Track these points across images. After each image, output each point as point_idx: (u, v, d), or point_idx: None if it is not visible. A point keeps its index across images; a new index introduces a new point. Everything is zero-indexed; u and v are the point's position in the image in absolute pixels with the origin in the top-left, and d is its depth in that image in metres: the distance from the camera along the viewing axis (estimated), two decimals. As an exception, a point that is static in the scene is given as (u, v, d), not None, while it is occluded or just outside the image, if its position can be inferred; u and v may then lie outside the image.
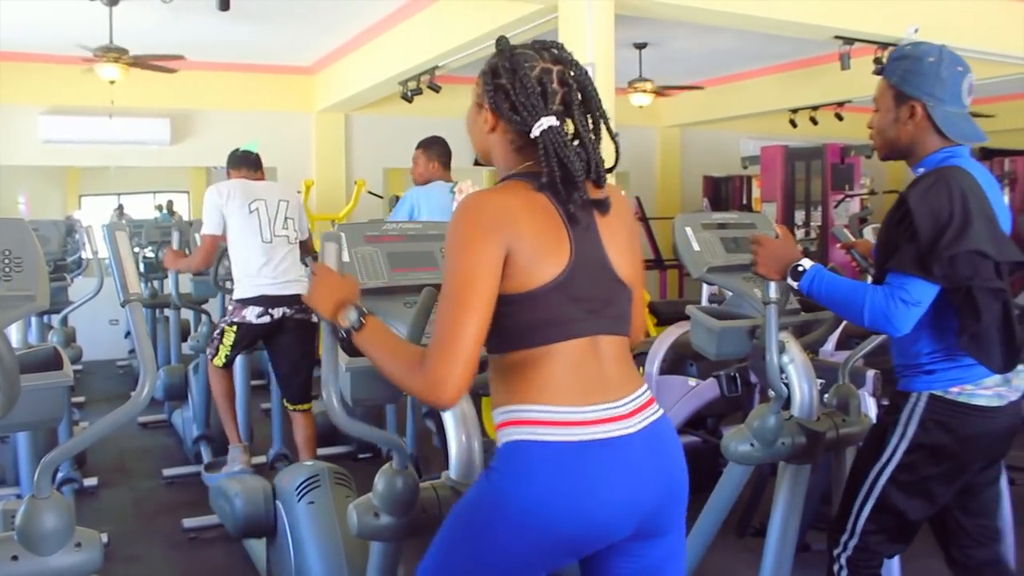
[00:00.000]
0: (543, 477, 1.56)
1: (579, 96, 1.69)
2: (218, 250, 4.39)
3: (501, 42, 1.72)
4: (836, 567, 2.34)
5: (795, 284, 2.26)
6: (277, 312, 4.22)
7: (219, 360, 4.31)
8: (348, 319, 1.68)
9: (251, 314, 4.20)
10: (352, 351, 1.78)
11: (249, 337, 4.29)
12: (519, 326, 1.61)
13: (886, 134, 2.28)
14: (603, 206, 1.70)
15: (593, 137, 1.69)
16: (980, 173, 2.19)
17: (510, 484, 1.58)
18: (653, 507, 1.64)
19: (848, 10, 6.14)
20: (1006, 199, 11.24)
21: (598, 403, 1.61)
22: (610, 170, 1.74)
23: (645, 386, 1.72)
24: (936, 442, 2.18)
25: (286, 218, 4.29)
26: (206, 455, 4.92)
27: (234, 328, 4.24)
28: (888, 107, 2.26)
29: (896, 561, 2.96)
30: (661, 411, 1.71)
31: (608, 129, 1.73)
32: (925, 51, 2.21)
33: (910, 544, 2.37)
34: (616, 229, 1.72)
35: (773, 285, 2.36)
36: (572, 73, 1.69)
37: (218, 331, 4.33)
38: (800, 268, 2.25)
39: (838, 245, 3.13)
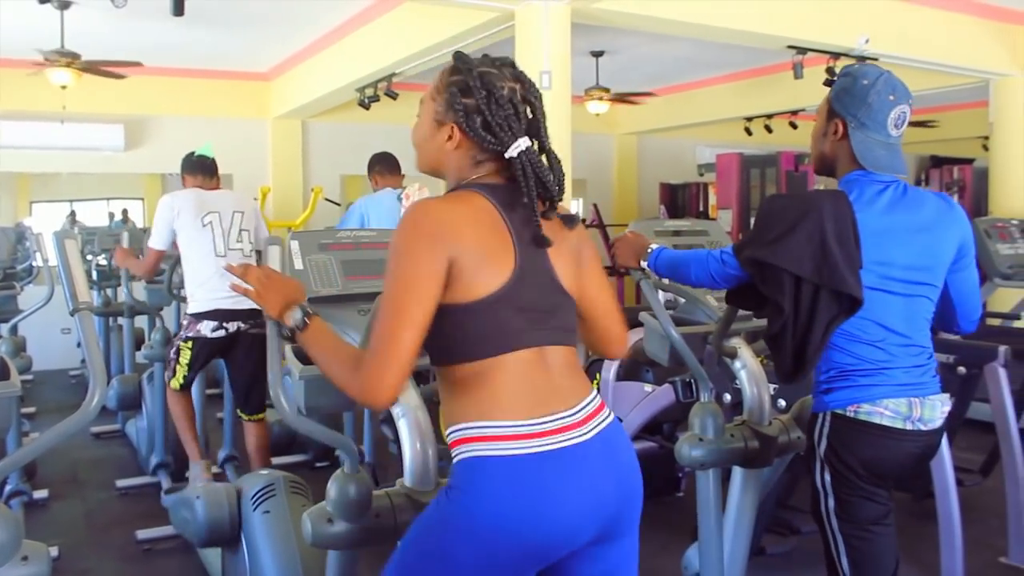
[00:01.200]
0: (503, 492, 1.56)
1: (535, 114, 1.72)
2: (171, 258, 4.35)
3: (462, 58, 1.71)
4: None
5: (645, 264, 2.49)
6: (232, 326, 4.17)
7: (176, 382, 4.25)
8: (293, 318, 1.72)
9: (206, 328, 4.15)
10: (305, 357, 1.79)
11: (205, 352, 4.23)
12: (465, 338, 1.62)
13: (816, 147, 2.35)
14: (571, 221, 1.76)
15: (551, 156, 1.72)
16: (883, 201, 2.18)
17: (470, 501, 1.58)
18: (611, 511, 1.65)
19: (801, 20, 6.24)
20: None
21: (550, 413, 1.61)
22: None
23: (595, 392, 1.73)
24: (845, 460, 2.19)
25: (241, 230, 4.23)
26: (165, 483, 4.77)
27: (189, 344, 4.19)
28: (821, 120, 2.32)
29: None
30: (612, 416, 1.72)
31: (548, 150, 1.75)
32: (863, 73, 2.23)
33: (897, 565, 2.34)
34: (560, 240, 1.72)
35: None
36: (532, 92, 1.71)
37: (174, 349, 4.27)
38: (649, 250, 2.49)
39: None
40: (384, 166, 5.05)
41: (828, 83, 2.39)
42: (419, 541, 1.66)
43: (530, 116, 1.70)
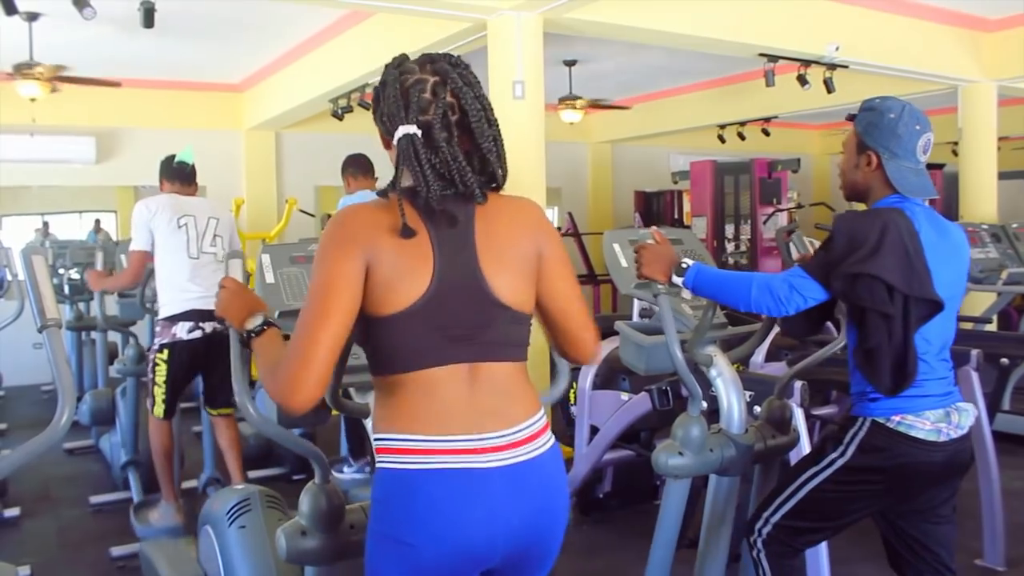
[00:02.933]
0: (398, 504, 1.57)
1: (455, 107, 1.63)
2: (145, 270, 4.31)
3: (395, 58, 1.69)
4: (755, 552, 2.44)
5: (680, 280, 2.43)
6: (208, 327, 4.12)
7: (159, 409, 4.18)
8: (253, 323, 1.75)
9: (181, 330, 4.10)
10: None
11: (183, 359, 4.14)
12: (383, 350, 1.61)
13: (848, 176, 2.45)
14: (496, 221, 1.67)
15: (456, 151, 1.61)
16: (924, 220, 2.29)
17: (376, 511, 1.61)
18: (515, 547, 1.62)
19: (772, 29, 6.29)
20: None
21: (456, 434, 1.58)
22: (494, 188, 1.69)
23: (535, 419, 1.67)
24: (869, 465, 2.29)
25: (215, 235, 4.20)
26: (134, 483, 4.75)
27: (164, 355, 4.12)
28: (851, 153, 2.41)
29: (826, 566, 3.03)
30: (545, 447, 1.67)
31: (482, 147, 1.65)
32: (888, 107, 2.34)
33: (816, 545, 2.52)
34: (503, 247, 1.65)
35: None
36: (450, 85, 1.63)
37: (150, 366, 4.19)
38: (684, 265, 2.44)
39: (795, 259, 3.19)
40: (357, 167, 5.03)
41: (850, 118, 2.49)
42: (366, 550, 1.68)
43: (438, 110, 1.61)
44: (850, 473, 2.31)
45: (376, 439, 1.62)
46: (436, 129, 1.60)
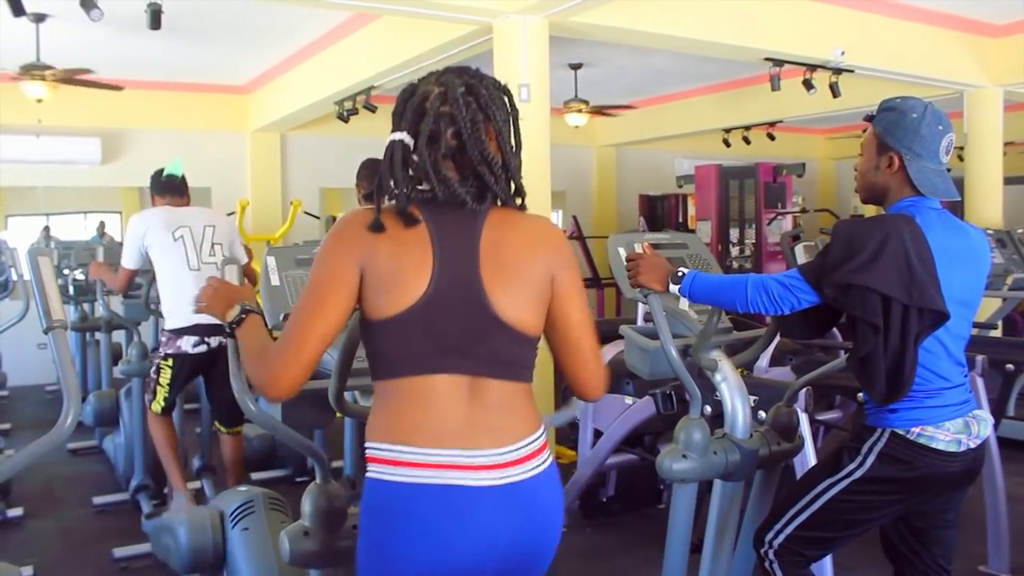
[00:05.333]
0: (383, 516, 1.57)
1: (450, 121, 1.62)
2: (148, 273, 4.31)
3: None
4: (767, 563, 2.41)
5: (677, 288, 2.42)
6: (214, 341, 4.13)
7: (157, 406, 4.19)
8: (232, 313, 1.79)
9: (187, 344, 4.11)
10: None
11: (186, 370, 4.18)
12: (377, 354, 1.62)
13: (867, 178, 2.40)
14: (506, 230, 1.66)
15: (435, 160, 1.61)
16: (937, 223, 2.26)
17: (364, 521, 1.61)
18: (503, 567, 1.60)
19: (777, 33, 6.28)
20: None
21: (448, 447, 1.57)
22: (492, 200, 1.65)
23: (532, 438, 1.64)
24: (889, 476, 2.27)
25: (213, 244, 4.19)
26: (145, 506, 4.66)
27: (169, 362, 4.13)
28: (871, 154, 2.37)
29: (829, 569, 3.02)
30: (539, 468, 1.64)
31: (474, 162, 1.62)
32: (910, 107, 2.31)
33: (829, 554, 2.50)
34: (509, 264, 1.63)
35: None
36: (449, 97, 1.62)
37: (153, 368, 4.21)
38: (680, 273, 2.42)
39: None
40: (367, 176, 4.96)
41: (868, 118, 2.45)
42: (356, 559, 1.67)
43: (434, 120, 1.61)
44: (868, 484, 2.28)
45: (368, 447, 1.62)
46: (423, 138, 1.62)
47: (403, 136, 1.63)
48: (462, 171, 1.64)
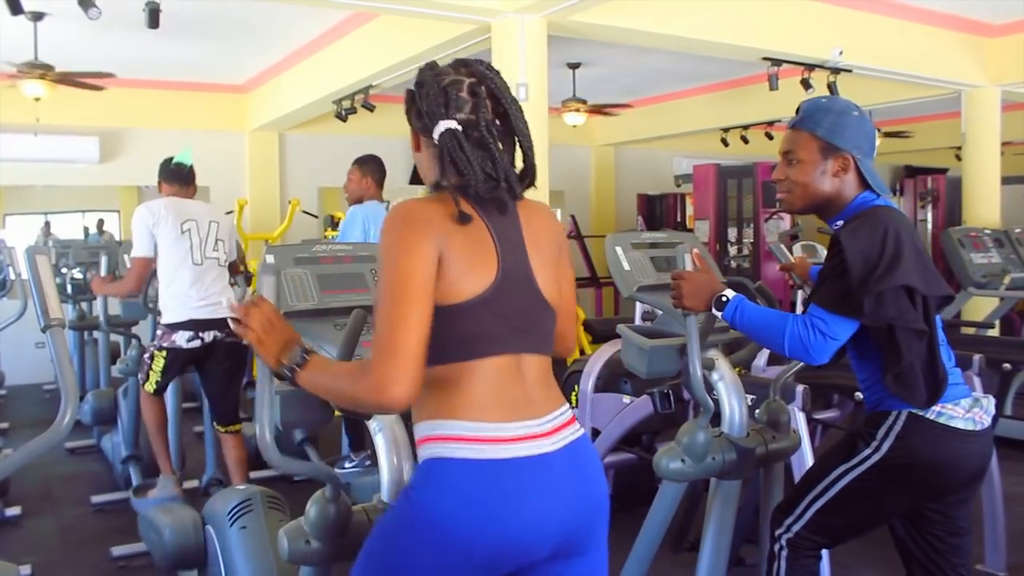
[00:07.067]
0: (462, 494, 1.54)
1: (490, 107, 1.67)
2: (148, 272, 4.31)
3: (428, 63, 1.73)
4: (777, 547, 2.38)
5: (719, 314, 2.31)
6: (208, 336, 4.15)
7: (150, 386, 4.22)
8: (292, 358, 1.64)
9: (181, 339, 4.12)
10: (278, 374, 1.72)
11: (179, 362, 4.21)
12: (444, 339, 1.58)
13: (812, 187, 2.28)
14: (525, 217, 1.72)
15: (500, 147, 1.65)
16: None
17: (428, 501, 1.56)
18: (572, 526, 1.63)
19: (775, 33, 6.29)
20: (928, 216, 11.61)
21: (521, 420, 1.61)
22: (526, 185, 1.72)
23: (566, 405, 1.73)
24: (907, 460, 2.20)
25: (216, 240, 4.21)
26: (135, 477, 4.82)
27: (164, 353, 4.16)
28: (814, 160, 2.26)
29: (827, 572, 3.02)
30: (581, 430, 1.72)
31: (523, 145, 1.70)
32: (847, 105, 2.26)
33: (846, 542, 2.44)
34: (541, 247, 1.72)
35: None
36: (486, 85, 1.67)
37: (148, 355, 4.24)
38: (724, 299, 2.29)
39: (778, 267, 3.17)
40: (376, 171, 4.93)
41: (794, 125, 2.32)
42: (378, 539, 1.64)
43: (478, 108, 1.65)
44: (885, 469, 2.22)
45: (433, 427, 1.60)
46: (479, 126, 1.63)
47: (453, 124, 1.63)
48: (508, 152, 1.69)
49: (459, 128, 1.63)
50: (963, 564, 2.34)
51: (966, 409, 2.20)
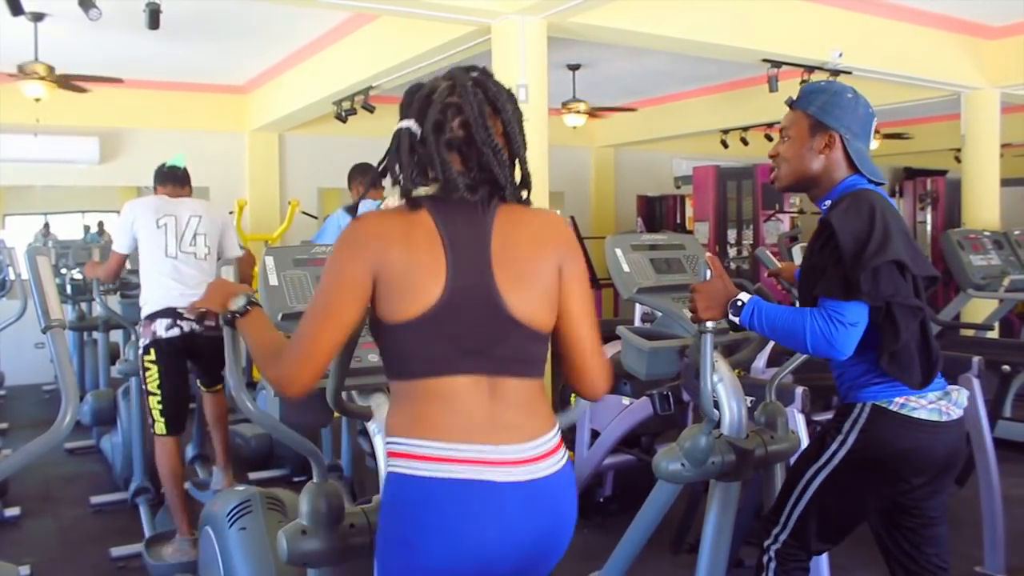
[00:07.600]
0: (407, 510, 1.57)
1: (457, 111, 1.62)
2: (123, 270, 4.35)
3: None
4: (765, 558, 2.40)
5: (736, 319, 2.28)
6: (186, 325, 4.04)
7: (160, 427, 4.01)
8: (236, 303, 1.85)
9: (160, 327, 4.02)
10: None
11: (167, 361, 4.03)
12: (396, 355, 1.63)
13: (799, 163, 2.31)
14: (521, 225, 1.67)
15: (440, 149, 1.60)
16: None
17: (386, 515, 1.62)
18: (522, 563, 1.62)
19: (775, 35, 6.29)
20: (928, 218, 11.61)
21: (475, 443, 1.58)
22: (512, 193, 1.66)
23: (550, 435, 1.67)
24: (874, 452, 2.22)
25: (195, 234, 4.15)
26: (145, 517, 4.50)
27: (151, 354, 4.01)
28: (802, 136, 2.30)
29: (825, 569, 3.03)
30: (562, 462, 1.67)
31: (488, 151, 1.62)
32: (842, 88, 2.28)
33: (837, 544, 2.44)
34: (519, 261, 1.64)
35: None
36: (458, 90, 1.63)
37: (141, 373, 4.07)
38: (739, 303, 2.27)
39: (766, 273, 3.17)
40: (365, 178, 5.02)
41: (791, 103, 2.35)
42: (376, 552, 1.68)
43: (444, 114, 1.61)
44: (853, 462, 2.23)
45: (390, 442, 1.62)
46: (428, 125, 1.62)
47: (410, 124, 1.63)
48: (467, 164, 1.63)
49: (412, 127, 1.63)
50: (937, 554, 2.35)
51: (930, 401, 2.21)
